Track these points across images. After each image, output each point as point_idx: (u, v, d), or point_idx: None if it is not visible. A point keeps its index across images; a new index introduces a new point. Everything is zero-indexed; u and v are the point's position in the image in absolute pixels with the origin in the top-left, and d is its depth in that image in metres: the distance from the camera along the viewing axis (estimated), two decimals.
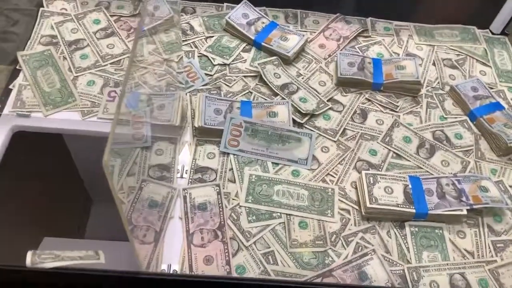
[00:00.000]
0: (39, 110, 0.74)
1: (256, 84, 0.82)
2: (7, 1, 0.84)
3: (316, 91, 0.82)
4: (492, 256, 0.66)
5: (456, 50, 0.93)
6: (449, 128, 0.80)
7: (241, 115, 0.75)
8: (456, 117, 0.82)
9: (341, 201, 0.69)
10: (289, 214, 0.67)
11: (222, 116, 0.74)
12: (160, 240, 0.63)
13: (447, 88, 0.86)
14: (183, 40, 0.87)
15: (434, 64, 0.90)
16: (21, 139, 0.75)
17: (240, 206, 0.67)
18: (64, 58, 0.81)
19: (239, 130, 0.73)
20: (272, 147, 0.73)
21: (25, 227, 0.84)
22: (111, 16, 0.88)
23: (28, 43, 0.83)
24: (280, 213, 0.67)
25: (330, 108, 0.80)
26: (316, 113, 0.78)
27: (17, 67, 0.79)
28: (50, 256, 0.45)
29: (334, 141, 0.76)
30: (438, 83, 0.87)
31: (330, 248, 0.65)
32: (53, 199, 1.01)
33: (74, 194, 1.05)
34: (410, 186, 0.69)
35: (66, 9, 0.89)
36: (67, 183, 1.00)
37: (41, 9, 0.88)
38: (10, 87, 0.77)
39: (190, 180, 0.70)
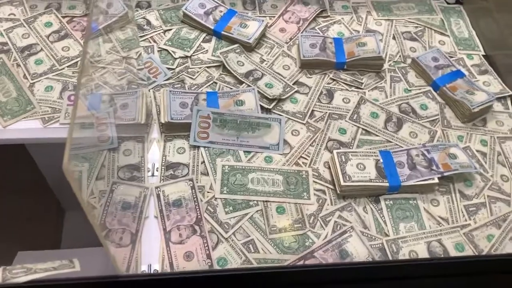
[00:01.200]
0: None
1: (220, 73, 0.81)
2: None
3: (281, 76, 0.81)
4: (465, 220, 0.68)
5: (414, 23, 0.94)
6: (414, 100, 0.81)
7: (208, 107, 0.74)
8: (420, 89, 0.83)
9: (316, 182, 0.70)
10: (266, 201, 0.67)
11: (188, 109, 0.73)
12: (137, 241, 0.62)
13: (409, 61, 0.87)
14: (141, 36, 0.84)
15: (394, 38, 0.91)
16: None
17: (216, 198, 0.67)
18: (18, 65, 0.78)
19: (207, 122, 0.72)
20: (242, 135, 0.73)
21: None
22: (63, 17, 0.85)
23: None
24: (257, 200, 0.67)
25: (296, 91, 0.80)
26: (283, 97, 0.78)
27: None
28: (22, 270, 0.43)
29: (304, 124, 0.76)
30: (400, 56, 0.88)
31: (309, 230, 0.65)
32: (24, 212, 0.98)
33: (45, 205, 1.02)
34: (381, 160, 0.70)
35: (14, 14, 0.85)
36: (36, 195, 0.97)
37: None
38: None
39: (162, 178, 0.68)
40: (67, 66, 0.79)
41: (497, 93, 0.84)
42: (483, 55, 0.91)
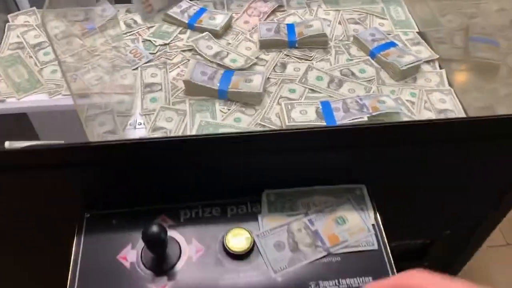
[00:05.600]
0: (13, 96, 0.90)
1: (192, 54, 0.99)
2: None
3: (244, 54, 0.99)
4: None
5: (358, 11, 1.12)
6: (354, 66, 0.97)
7: (222, 81, 0.88)
8: (360, 58, 0.99)
9: (267, 126, 0.85)
10: None
11: (206, 77, 0.89)
12: None
13: (352, 39, 1.04)
14: (129, 32, 1.04)
15: (340, 23, 1.08)
16: None
17: None
18: (30, 56, 0.97)
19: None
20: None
21: None
22: (68, 22, 1.05)
23: None
24: None
25: (255, 64, 0.97)
26: (245, 67, 0.95)
27: None
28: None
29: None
30: (344, 36, 1.05)
31: None
32: None
33: None
34: (320, 107, 0.85)
35: (28, 21, 1.06)
36: None
37: (7, 24, 1.05)
38: None
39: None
40: (69, 56, 0.98)
41: (426, 57, 0.99)
42: (417, 32, 1.07)
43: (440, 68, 0.99)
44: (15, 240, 0.75)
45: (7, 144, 0.55)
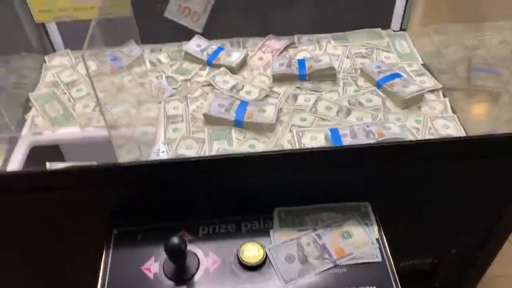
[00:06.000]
0: (49, 129, 0.99)
1: (211, 88, 1.07)
2: (20, 61, 1.13)
3: (258, 86, 1.07)
4: None
5: (365, 46, 1.19)
6: (361, 96, 1.04)
7: (238, 111, 0.96)
8: (366, 89, 1.06)
9: None
10: None
11: (223, 109, 0.97)
12: None
13: (359, 72, 1.11)
14: (153, 69, 1.13)
15: (348, 57, 1.16)
16: (36, 153, 0.99)
17: None
18: (64, 93, 1.07)
19: None
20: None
21: None
22: (99, 62, 1.16)
23: (37, 88, 1.09)
24: None
25: (268, 95, 1.04)
26: (259, 99, 1.03)
27: (29, 105, 1.05)
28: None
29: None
30: (352, 69, 1.12)
31: None
32: None
33: None
34: (329, 134, 0.92)
35: (63, 62, 1.17)
36: None
37: (44, 64, 1.16)
38: (25, 117, 1.02)
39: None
40: (100, 92, 1.07)
41: (430, 87, 1.05)
42: (421, 64, 1.14)
43: (444, 96, 1.04)
44: (51, 251, 0.82)
45: (48, 165, 0.63)
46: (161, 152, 0.94)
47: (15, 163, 0.91)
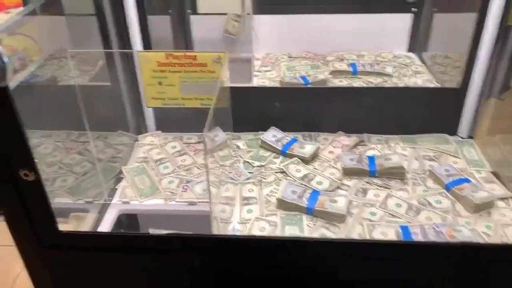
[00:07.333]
0: (136, 199, 1.09)
1: (283, 176, 1.15)
2: (116, 138, 1.28)
3: (329, 177, 1.13)
4: None
5: (433, 150, 1.24)
6: (430, 197, 1.07)
7: (310, 199, 1.03)
8: (435, 190, 1.09)
9: None
10: None
11: (296, 195, 1.05)
12: None
13: (427, 173, 1.15)
14: (232, 154, 1.24)
15: (416, 159, 1.21)
16: (123, 218, 1.08)
17: None
18: (152, 169, 1.19)
19: None
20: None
21: None
22: (184, 143, 1.29)
23: (129, 162, 1.22)
24: None
25: (338, 187, 1.10)
26: (330, 189, 1.08)
27: (121, 176, 1.17)
28: None
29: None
30: (420, 170, 1.17)
31: None
32: None
33: None
34: (400, 231, 0.94)
35: (153, 141, 1.30)
36: None
37: (136, 142, 1.30)
38: (116, 187, 1.14)
39: None
40: (183, 170, 1.18)
41: (501, 195, 1.07)
42: (490, 172, 1.16)
43: None
44: None
45: (150, 230, 0.71)
46: (236, 231, 1.00)
47: (106, 226, 1.00)
